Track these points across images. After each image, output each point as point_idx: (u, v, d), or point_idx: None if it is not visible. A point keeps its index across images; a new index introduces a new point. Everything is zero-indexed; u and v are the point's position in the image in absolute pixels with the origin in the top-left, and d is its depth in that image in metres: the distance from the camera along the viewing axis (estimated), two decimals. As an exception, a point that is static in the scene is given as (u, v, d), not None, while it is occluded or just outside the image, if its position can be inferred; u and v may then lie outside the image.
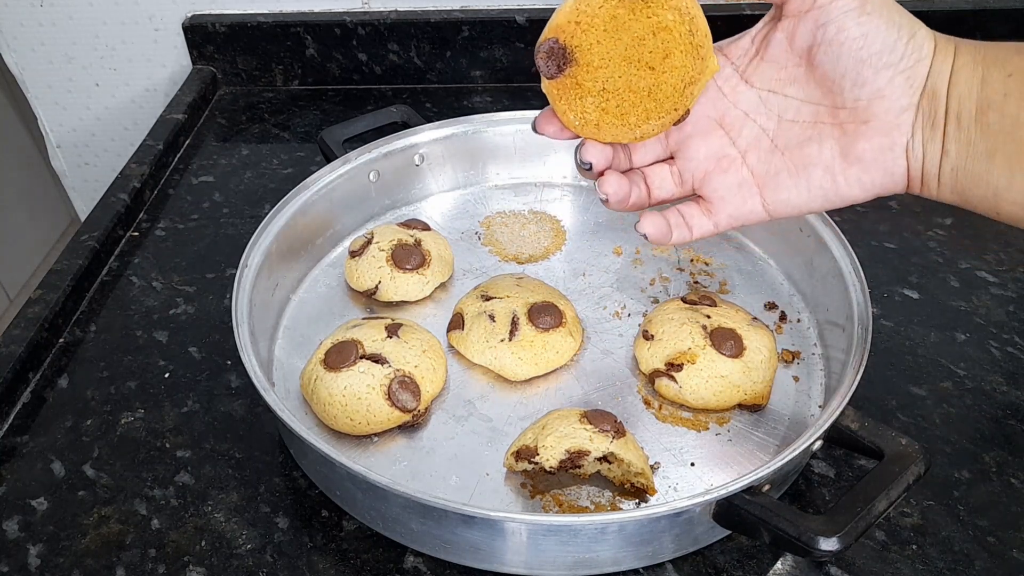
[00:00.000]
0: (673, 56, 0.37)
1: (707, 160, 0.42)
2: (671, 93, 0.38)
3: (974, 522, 0.48)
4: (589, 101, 0.38)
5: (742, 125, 0.41)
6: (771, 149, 0.41)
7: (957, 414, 0.54)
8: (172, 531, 0.48)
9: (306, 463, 0.50)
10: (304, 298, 0.63)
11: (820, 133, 0.40)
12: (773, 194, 0.41)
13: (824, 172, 0.40)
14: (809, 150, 0.40)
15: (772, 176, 0.41)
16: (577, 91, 0.38)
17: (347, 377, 0.51)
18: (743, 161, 0.41)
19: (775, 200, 0.41)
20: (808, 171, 0.40)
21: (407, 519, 0.45)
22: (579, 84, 0.37)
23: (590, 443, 0.47)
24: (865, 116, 0.38)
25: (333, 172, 0.65)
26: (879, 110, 0.38)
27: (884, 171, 0.39)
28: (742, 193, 0.41)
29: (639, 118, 0.38)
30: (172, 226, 0.72)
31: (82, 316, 0.63)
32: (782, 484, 0.48)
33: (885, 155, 0.38)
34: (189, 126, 0.85)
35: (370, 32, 0.88)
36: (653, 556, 0.46)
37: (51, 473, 0.52)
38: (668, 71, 0.37)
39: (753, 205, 0.41)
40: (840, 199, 0.40)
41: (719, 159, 0.42)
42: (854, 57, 0.37)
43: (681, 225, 0.43)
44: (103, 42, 0.91)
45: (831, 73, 0.38)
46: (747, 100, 0.41)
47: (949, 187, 0.38)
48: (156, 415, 0.55)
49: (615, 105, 0.38)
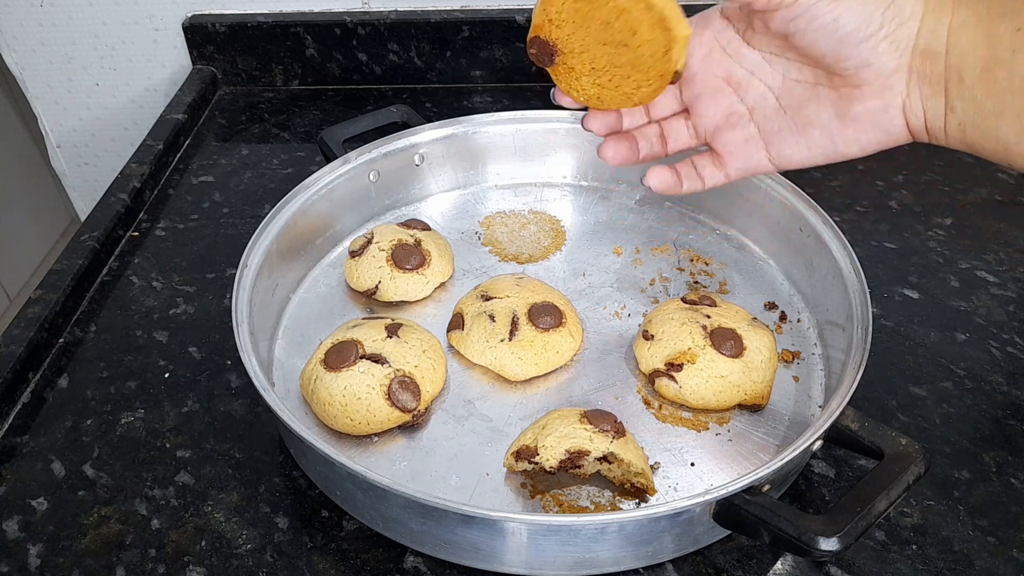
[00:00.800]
0: (640, 32, 0.39)
1: (717, 116, 0.44)
2: (652, 62, 0.40)
3: (974, 522, 0.48)
4: (585, 80, 0.43)
5: (748, 83, 0.43)
6: (776, 108, 0.43)
7: (957, 414, 0.54)
8: (172, 531, 0.48)
9: (306, 463, 0.50)
10: (304, 298, 0.63)
11: (818, 95, 0.41)
12: (777, 150, 0.43)
13: (822, 132, 0.41)
14: (808, 111, 0.41)
15: (776, 133, 0.43)
16: (572, 73, 0.43)
17: (347, 377, 0.51)
18: (750, 118, 0.43)
19: (779, 155, 0.43)
20: (807, 130, 0.42)
21: (407, 519, 0.45)
22: (571, 68, 0.42)
23: (590, 443, 0.47)
24: (856, 81, 0.39)
25: (333, 172, 0.65)
26: (867, 76, 0.38)
27: (881, 130, 0.40)
28: (749, 148, 0.44)
29: (632, 87, 0.42)
30: (172, 226, 0.72)
31: (82, 316, 0.63)
32: (782, 484, 0.48)
33: (879, 116, 0.39)
34: (189, 126, 0.85)
35: (370, 32, 0.88)
36: (653, 556, 0.46)
37: (51, 473, 0.52)
38: (641, 44, 0.40)
39: (759, 159, 0.44)
40: (840, 156, 0.41)
41: (728, 115, 0.44)
42: (830, 39, 0.37)
43: (693, 176, 0.46)
44: (103, 42, 0.91)
45: (812, 54, 0.39)
46: (751, 60, 0.42)
47: (957, 139, 0.38)
48: (156, 415, 0.55)
49: (608, 79, 0.42)
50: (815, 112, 0.41)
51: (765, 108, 0.43)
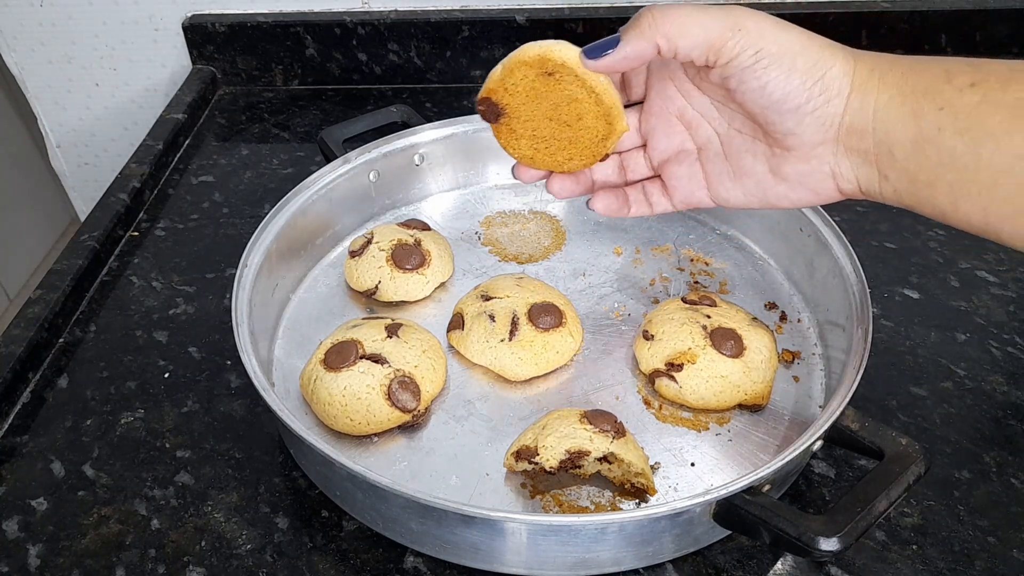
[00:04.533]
0: (585, 119, 0.44)
1: (668, 150, 0.47)
2: (589, 144, 0.45)
3: (974, 522, 0.48)
4: (524, 142, 0.46)
5: (698, 124, 0.45)
6: (719, 152, 0.45)
7: (957, 414, 0.54)
8: (172, 531, 0.48)
9: (306, 463, 0.50)
10: (304, 298, 0.63)
11: (755, 149, 0.43)
12: (716, 190, 0.46)
13: (756, 184, 0.44)
14: (745, 161, 0.44)
15: (716, 175, 0.45)
16: (513, 134, 0.46)
17: (347, 377, 0.51)
18: (697, 156, 0.46)
19: (717, 195, 0.46)
20: (743, 178, 0.44)
21: (407, 519, 0.45)
22: (513, 130, 0.45)
23: (590, 443, 0.47)
24: (785, 144, 0.41)
25: (333, 172, 0.65)
26: (794, 143, 0.40)
27: (810, 190, 0.42)
28: (692, 184, 0.46)
29: (564, 158, 0.46)
30: (172, 226, 0.72)
31: (82, 316, 0.63)
32: (782, 484, 0.48)
33: (808, 178, 0.41)
34: (189, 126, 0.85)
35: (370, 32, 0.88)
36: (653, 556, 0.46)
37: (51, 473, 0.52)
38: (583, 129, 0.44)
39: (700, 195, 0.46)
40: (772, 207, 0.44)
41: (678, 151, 0.46)
42: (758, 104, 0.39)
43: (642, 201, 0.48)
44: (103, 42, 0.90)
45: (748, 111, 0.41)
46: (701, 104, 0.44)
47: (894, 201, 0.40)
48: (156, 415, 0.55)
49: (545, 147, 0.46)
50: (751, 164, 0.43)
51: (710, 151, 0.45)
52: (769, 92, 0.38)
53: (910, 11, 0.84)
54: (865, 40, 0.85)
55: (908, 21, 0.84)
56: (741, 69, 0.38)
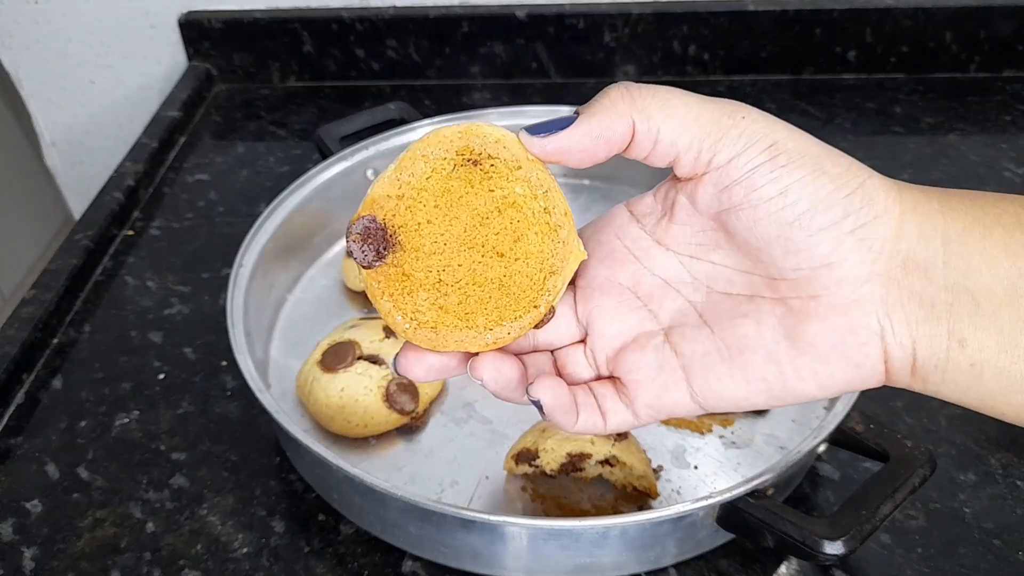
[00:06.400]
0: (526, 239, 0.28)
1: (621, 335, 0.32)
2: (528, 285, 0.29)
3: (980, 525, 0.48)
4: (422, 297, 0.29)
5: (663, 296, 0.31)
6: (700, 327, 0.31)
7: (962, 416, 0.54)
8: (167, 534, 0.48)
9: (303, 466, 0.50)
10: (300, 298, 0.62)
11: (758, 309, 0.29)
12: (702, 382, 0.30)
13: (766, 359, 0.29)
14: (744, 331, 0.29)
15: (700, 358, 0.30)
16: (405, 283, 0.29)
17: (344, 378, 0.50)
18: (665, 339, 0.31)
19: (705, 390, 0.30)
20: (745, 356, 0.29)
21: (405, 523, 0.44)
22: (406, 275, 0.29)
23: (591, 446, 0.46)
24: (812, 289, 0.28)
25: (330, 170, 0.64)
26: (827, 281, 0.27)
27: (848, 361, 0.28)
28: (663, 377, 0.31)
29: (489, 319, 0.29)
30: (167, 225, 0.72)
31: (76, 316, 0.63)
32: (786, 487, 0.48)
33: (846, 340, 0.28)
34: (184, 123, 0.84)
35: (368, 28, 0.87)
36: (656, 560, 0.45)
37: (45, 475, 0.51)
38: (522, 258, 0.28)
39: (678, 394, 0.30)
40: (791, 396, 0.29)
41: (636, 336, 0.31)
42: (776, 220, 0.27)
43: (592, 407, 0.31)
44: (98, 39, 0.90)
45: (752, 241, 0.28)
46: (665, 266, 0.31)
47: (963, 387, 0.27)
48: (151, 417, 0.55)
49: (456, 302, 0.29)
50: (754, 333, 0.29)
51: (686, 326, 0.31)
52: (793, 199, 0.26)
53: (914, 8, 0.83)
54: (869, 38, 0.85)
55: (912, 18, 0.83)
56: (751, 170, 0.27)
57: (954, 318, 0.26)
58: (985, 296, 0.26)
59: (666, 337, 0.31)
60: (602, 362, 0.32)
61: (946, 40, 0.85)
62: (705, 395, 0.30)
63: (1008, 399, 0.27)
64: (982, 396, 0.27)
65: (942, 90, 0.86)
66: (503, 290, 0.29)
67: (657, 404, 0.31)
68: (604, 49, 0.87)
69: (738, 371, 0.29)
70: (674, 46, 0.86)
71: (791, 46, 0.85)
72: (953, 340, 0.26)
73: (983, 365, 0.26)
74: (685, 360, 0.30)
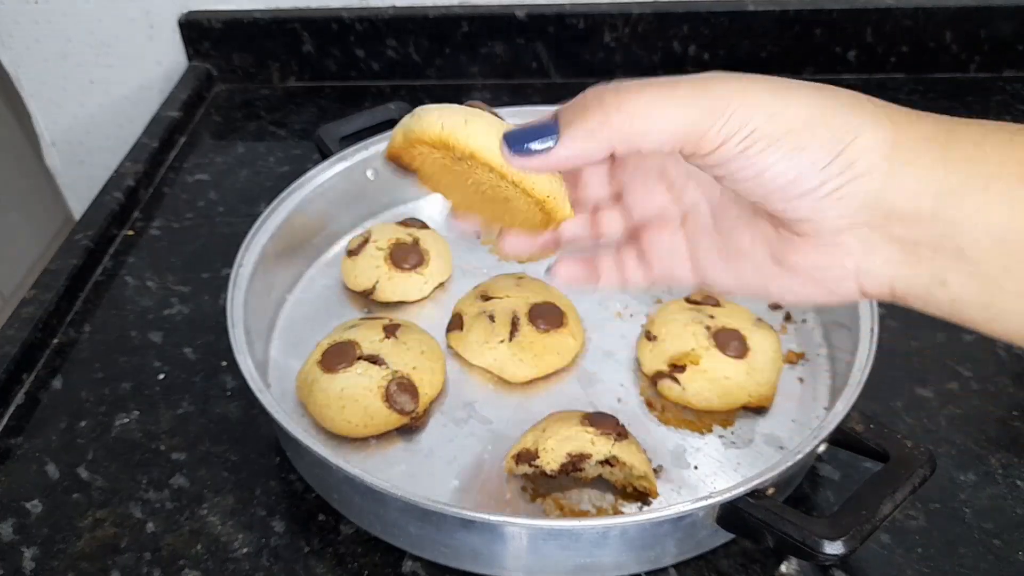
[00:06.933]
0: (514, 202, 0.34)
1: (647, 211, 0.37)
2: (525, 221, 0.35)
3: (980, 525, 0.48)
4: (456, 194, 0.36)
5: (684, 187, 0.36)
6: (708, 225, 0.35)
7: (963, 416, 0.54)
8: (167, 534, 0.48)
9: (303, 466, 0.50)
10: (301, 298, 0.62)
11: (755, 227, 0.33)
12: (702, 271, 0.36)
13: (755, 271, 0.33)
14: (742, 241, 0.33)
15: (704, 252, 0.35)
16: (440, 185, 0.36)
17: (344, 379, 0.50)
18: (680, 224, 0.36)
19: (703, 276, 0.36)
20: (739, 263, 0.34)
21: (405, 523, 0.44)
22: (439, 183, 0.35)
23: (592, 446, 0.46)
24: (797, 228, 0.30)
25: (330, 170, 0.64)
26: (809, 230, 0.30)
27: (824, 288, 0.31)
28: (673, 259, 0.36)
29: (507, 221, 0.36)
30: (167, 225, 0.72)
31: (76, 316, 0.63)
32: (786, 487, 0.48)
33: (825, 275, 0.31)
34: (184, 124, 0.84)
35: (368, 28, 0.87)
36: (656, 560, 0.45)
37: (45, 475, 0.51)
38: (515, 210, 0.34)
39: (683, 273, 0.36)
40: (773, 300, 0.35)
41: (659, 214, 0.36)
42: (757, 192, 0.30)
43: (613, 269, 0.38)
44: (98, 39, 0.90)
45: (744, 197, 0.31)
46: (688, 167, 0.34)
47: (947, 313, 0.30)
48: (151, 417, 0.55)
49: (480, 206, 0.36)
50: (749, 245, 0.33)
51: (697, 221, 0.35)
52: (768, 180, 0.29)
53: (914, 8, 0.83)
54: (870, 38, 0.84)
55: (912, 18, 0.83)
56: (728, 159, 0.29)
57: (936, 264, 0.28)
58: (971, 246, 0.27)
59: (682, 224, 0.36)
60: (631, 224, 0.37)
61: (946, 40, 0.85)
62: (704, 279, 0.36)
63: (992, 327, 0.29)
64: (964, 321, 0.29)
65: (942, 90, 0.86)
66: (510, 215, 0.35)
67: (666, 275, 0.37)
68: (604, 49, 0.87)
69: (731, 271, 0.34)
70: (674, 46, 0.86)
71: (791, 46, 0.85)
72: (935, 281, 0.29)
73: (964, 302, 0.28)
74: (692, 249, 0.36)
